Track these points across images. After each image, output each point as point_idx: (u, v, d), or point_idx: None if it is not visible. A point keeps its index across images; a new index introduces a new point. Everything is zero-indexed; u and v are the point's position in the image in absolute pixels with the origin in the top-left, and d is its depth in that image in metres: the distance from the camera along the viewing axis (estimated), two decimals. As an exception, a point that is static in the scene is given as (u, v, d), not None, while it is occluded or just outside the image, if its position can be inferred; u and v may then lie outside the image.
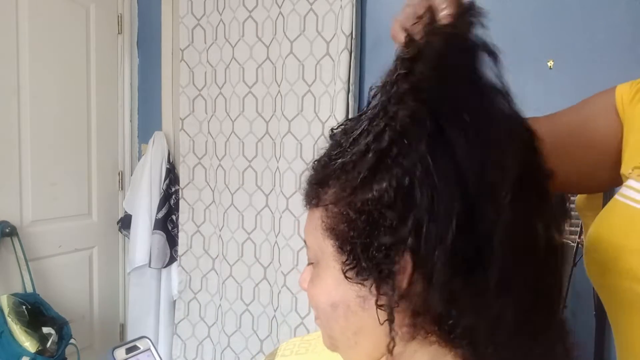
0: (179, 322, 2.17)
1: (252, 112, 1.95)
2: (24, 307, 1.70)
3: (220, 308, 2.08)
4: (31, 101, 1.88)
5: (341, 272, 0.39)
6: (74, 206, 2.11)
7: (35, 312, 1.72)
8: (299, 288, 1.73)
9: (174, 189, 2.16)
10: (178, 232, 2.15)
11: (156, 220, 2.11)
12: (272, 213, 1.94)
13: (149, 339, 0.50)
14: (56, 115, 2.00)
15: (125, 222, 2.22)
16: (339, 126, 0.44)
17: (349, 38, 1.73)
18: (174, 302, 2.21)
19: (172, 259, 2.17)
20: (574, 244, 1.46)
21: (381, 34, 1.81)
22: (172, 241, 2.15)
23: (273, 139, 1.92)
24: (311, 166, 0.44)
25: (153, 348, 0.50)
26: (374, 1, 1.81)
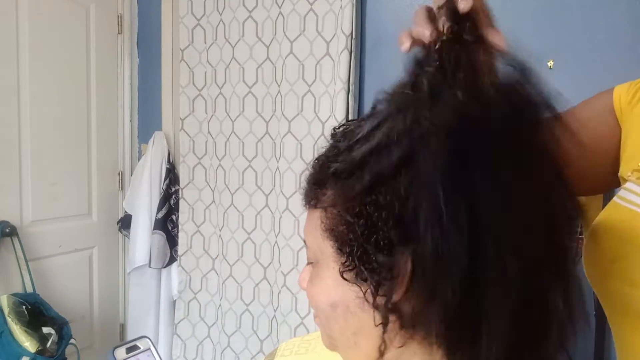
0: (179, 322, 2.17)
1: (252, 112, 1.95)
2: (24, 307, 1.70)
3: (220, 308, 2.08)
4: (31, 101, 1.88)
5: (340, 273, 0.40)
6: (74, 206, 2.11)
7: (35, 312, 1.72)
8: (299, 288, 1.73)
9: (174, 189, 2.16)
10: (178, 232, 2.15)
11: (156, 220, 2.11)
12: (272, 213, 1.94)
13: (149, 338, 0.50)
14: (56, 115, 1.99)
15: (125, 222, 2.22)
16: (340, 126, 0.44)
17: (349, 38, 1.73)
18: (174, 302, 2.21)
19: (172, 259, 2.17)
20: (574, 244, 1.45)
21: (381, 34, 1.81)
22: (172, 241, 2.15)
23: (273, 139, 1.92)
24: (311, 165, 0.44)
25: (153, 348, 0.50)
26: (374, 1, 1.81)
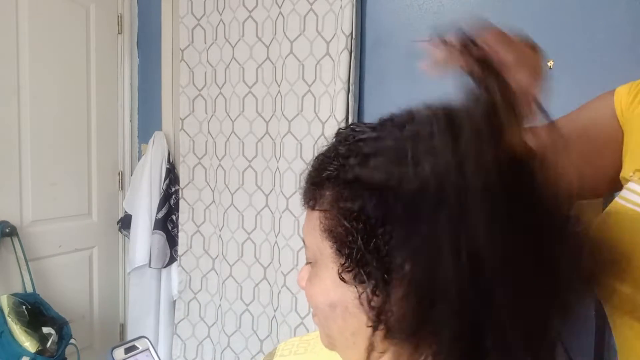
0: (179, 322, 2.17)
1: (252, 112, 1.95)
2: (24, 307, 1.70)
3: (220, 308, 2.08)
4: (31, 101, 1.88)
5: (339, 273, 0.40)
6: (74, 206, 2.11)
7: (35, 312, 1.72)
8: (299, 288, 1.73)
9: (174, 189, 2.16)
10: (178, 232, 2.15)
11: (156, 220, 2.11)
12: (272, 213, 1.94)
13: (147, 339, 0.50)
14: (56, 115, 1.99)
15: (125, 222, 2.22)
16: (346, 128, 0.44)
17: (349, 38, 1.72)
18: (174, 302, 2.21)
19: (172, 259, 2.17)
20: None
21: (381, 34, 1.80)
22: (172, 241, 2.15)
23: (273, 139, 1.92)
24: (310, 164, 0.44)
25: (152, 348, 0.50)
26: (374, 1, 1.81)
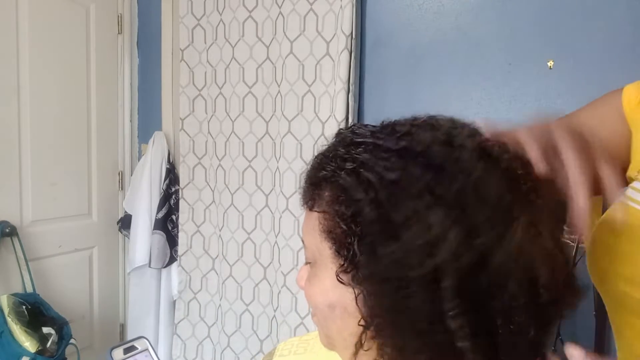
0: (179, 322, 2.17)
1: (252, 112, 1.95)
2: (24, 307, 1.70)
3: (220, 308, 2.08)
4: (31, 101, 1.88)
5: (337, 274, 0.40)
6: (74, 206, 2.11)
7: (35, 312, 1.72)
8: (298, 288, 1.72)
9: (174, 189, 2.16)
10: (178, 232, 2.15)
11: (156, 220, 2.11)
12: (272, 213, 1.94)
13: (146, 339, 0.50)
14: (56, 115, 1.99)
15: (125, 222, 2.22)
16: (347, 129, 0.44)
17: (349, 38, 1.72)
18: (174, 302, 2.21)
19: (172, 259, 2.17)
20: (574, 244, 1.45)
21: (381, 34, 1.80)
22: (172, 241, 2.15)
23: (273, 139, 1.92)
24: (309, 163, 0.44)
25: (151, 348, 0.50)
26: (374, 1, 1.81)
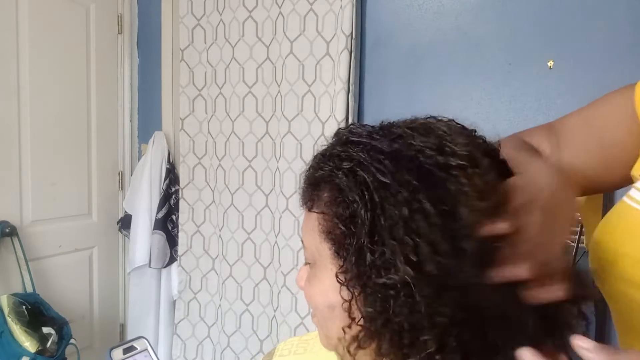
0: (179, 322, 2.17)
1: (252, 112, 1.95)
2: (24, 307, 1.70)
3: (220, 308, 2.08)
4: (31, 101, 1.88)
5: (337, 275, 0.39)
6: (74, 206, 2.11)
7: (35, 312, 1.72)
8: (298, 288, 1.72)
9: (174, 189, 2.16)
10: (178, 232, 2.15)
11: (156, 220, 2.11)
12: (272, 213, 1.94)
13: (146, 339, 0.50)
14: (56, 115, 1.99)
15: (125, 222, 2.22)
16: (345, 128, 0.44)
17: (349, 38, 1.72)
18: (174, 302, 2.21)
19: (172, 259, 2.17)
20: (574, 244, 1.45)
21: (381, 34, 1.80)
22: (172, 241, 2.15)
23: (273, 139, 1.92)
24: (309, 163, 0.44)
25: (150, 348, 0.50)
26: (374, 1, 1.80)
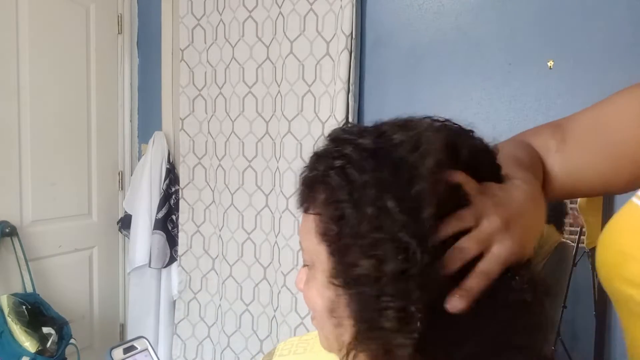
0: (179, 322, 2.17)
1: (252, 112, 1.95)
2: (24, 307, 1.70)
3: (220, 308, 2.08)
4: (31, 101, 1.88)
5: (331, 276, 0.39)
6: (74, 206, 2.11)
7: (35, 312, 1.72)
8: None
9: (174, 189, 2.16)
10: (178, 232, 2.15)
11: (156, 220, 2.11)
12: (272, 213, 1.94)
13: (146, 339, 0.50)
14: (56, 115, 1.99)
15: (125, 222, 2.22)
16: (338, 128, 0.44)
17: (349, 38, 1.72)
18: (174, 302, 2.21)
19: (172, 259, 2.17)
20: (574, 244, 1.45)
21: (381, 34, 1.80)
22: (172, 241, 2.15)
23: (273, 139, 1.92)
24: (305, 164, 0.44)
25: (150, 348, 0.50)
26: (374, 1, 1.81)
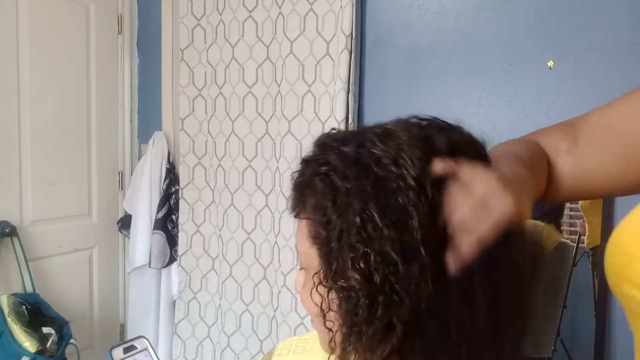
0: (178, 322, 2.17)
1: (252, 112, 1.95)
2: (24, 307, 1.70)
3: (220, 308, 2.08)
4: (31, 101, 1.88)
5: (321, 279, 0.40)
6: (74, 206, 2.11)
7: (35, 312, 1.72)
8: (298, 288, 1.72)
9: (174, 189, 2.16)
10: (178, 232, 2.15)
11: (156, 220, 2.11)
12: (272, 213, 1.94)
13: (146, 338, 0.50)
14: (56, 115, 1.99)
15: (125, 222, 2.22)
16: (325, 133, 0.44)
17: (349, 38, 1.72)
18: (174, 302, 2.21)
19: (172, 259, 2.17)
20: (574, 244, 1.46)
21: (381, 34, 1.80)
22: (172, 241, 2.15)
23: (273, 139, 1.92)
24: (296, 168, 0.44)
25: (150, 348, 0.50)
26: (374, 1, 1.81)
